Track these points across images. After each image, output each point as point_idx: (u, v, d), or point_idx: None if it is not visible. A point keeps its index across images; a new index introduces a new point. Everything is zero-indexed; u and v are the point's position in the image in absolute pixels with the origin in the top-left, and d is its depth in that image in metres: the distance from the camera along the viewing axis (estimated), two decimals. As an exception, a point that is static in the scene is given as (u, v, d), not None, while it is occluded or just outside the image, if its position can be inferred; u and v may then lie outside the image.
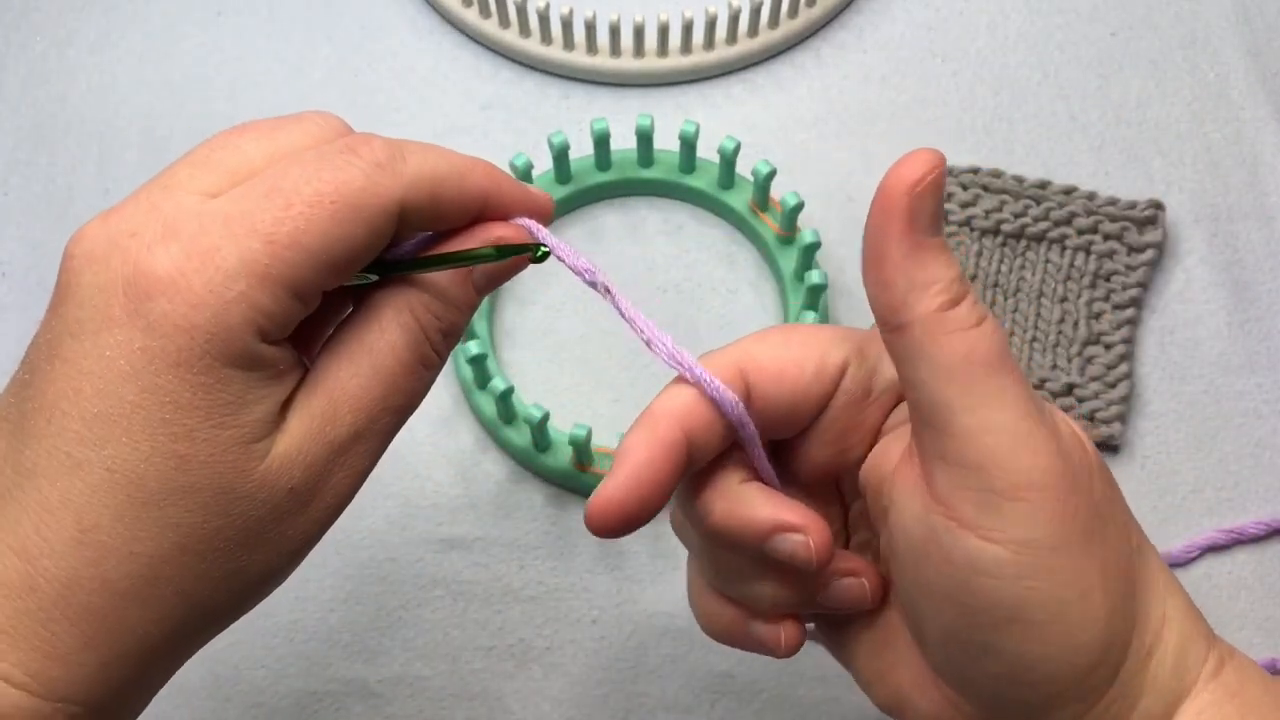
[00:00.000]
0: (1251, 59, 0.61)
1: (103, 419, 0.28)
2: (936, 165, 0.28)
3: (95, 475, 0.28)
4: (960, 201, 0.56)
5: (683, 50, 0.60)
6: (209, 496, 0.28)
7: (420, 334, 0.31)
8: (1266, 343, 0.55)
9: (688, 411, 0.31)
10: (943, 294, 0.28)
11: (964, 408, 0.28)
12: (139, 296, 0.28)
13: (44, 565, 0.28)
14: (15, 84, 0.62)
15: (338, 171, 0.29)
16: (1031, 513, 0.28)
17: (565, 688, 0.49)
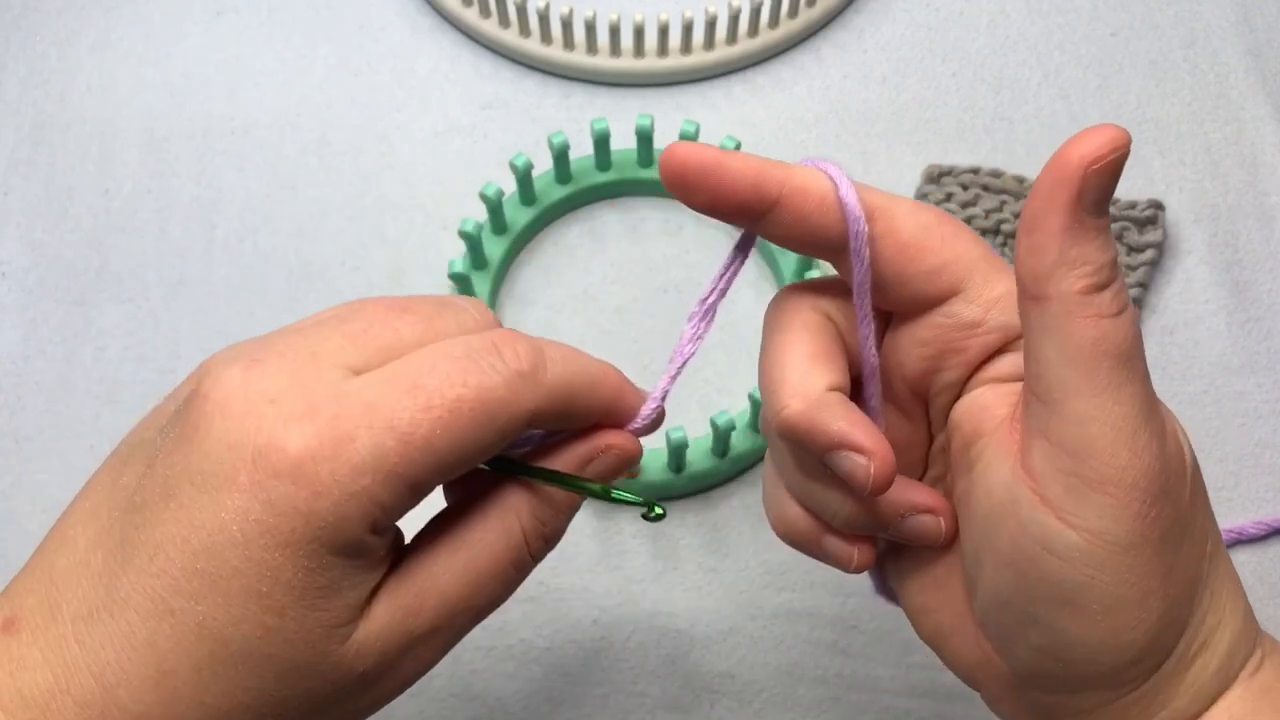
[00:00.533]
0: (1251, 59, 0.61)
1: (203, 576, 0.28)
2: (1120, 146, 0.27)
3: (184, 627, 0.28)
4: (960, 201, 0.56)
5: (683, 50, 0.60)
6: (286, 669, 0.29)
7: (521, 540, 0.32)
8: (1266, 343, 0.55)
9: (811, 183, 0.30)
10: (1091, 276, 0.28)
11: (1080, 392, 0.28)
12: (267, 471, 0.28)
13: (119, 695, 0.28)
14: (15, 84, 0.62)
15: (482, 376, 0.29)
16: (1115, 509, 0.28)
17: (565, 688, 0.49)
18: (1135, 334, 0.28)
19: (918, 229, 0.31)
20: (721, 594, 0.50)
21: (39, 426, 0.54)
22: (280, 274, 0.57)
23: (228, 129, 0.60)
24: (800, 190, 0.30)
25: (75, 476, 0.53)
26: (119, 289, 0.57)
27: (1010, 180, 0.57)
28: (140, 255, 0.57)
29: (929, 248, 0.31)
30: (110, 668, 0.28)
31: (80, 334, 0.56)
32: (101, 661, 0.28)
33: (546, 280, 0.56)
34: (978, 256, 0.31)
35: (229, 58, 0.62)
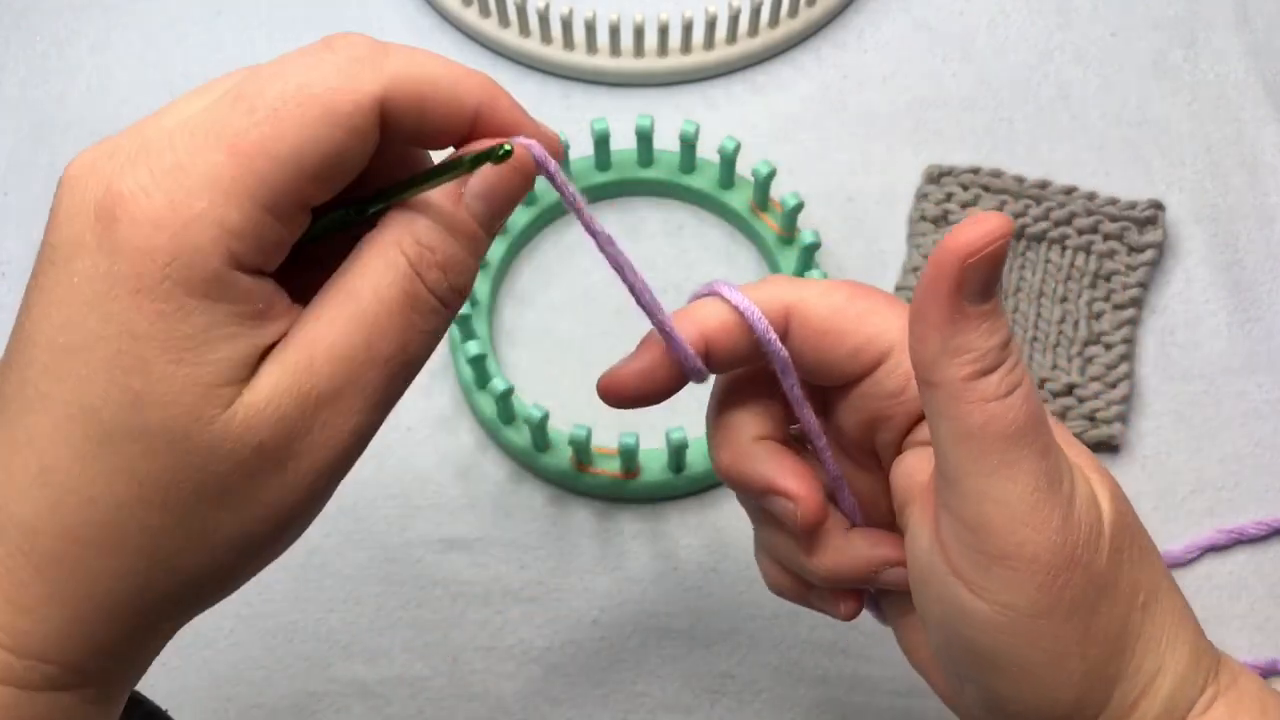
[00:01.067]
0: (1251, 59, 0.61)
1: (67, 351, 0.26)
2: (1000, 236, 0.27)
3: (56, 411, 0.26)
4: (960, 201, 0.56)
5: (683, 50, 0.60)
6: (164, 442, 0.26)
7: (408, 269, 0.28)
8: (1266, 343, 0.55)
9: (713, 320, 0.33)
10: (973, 364, 0.28)
11: (971, 473, 0.29)
12: (106, 218, 0.26)
13: (10, 509, 0.27)
14: (15, 84, 0.62)
15: (308, 70, 0.27)
16: (1017, 581, 0.29)
17: (565, 688, 0.49)
18: (1029, 412, 0.29)
19: (830, 313, 0.33)
20: (721, 594, 0.50)
21: (39, 426, 0.54)
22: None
23: (228, 129, 0.60)
24: (720, 329, 0.33)
25: (75, 476, 0.53)
26: (119, 289, 0.57)
27: (1010, 180, 0.57)
28: (140, 255, 0.57)
29: (845, 330, 0.33)
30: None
31: (80, 334, 0.56)
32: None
33: (546, 280, 0.56)
34: (895, 329, 0.32)
35: (229, 58, 0.62)
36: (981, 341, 0.28)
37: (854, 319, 0.33)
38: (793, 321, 0.33)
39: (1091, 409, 0.52)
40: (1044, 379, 0.53)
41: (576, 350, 0.55)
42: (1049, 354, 0.54)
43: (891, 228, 0.57)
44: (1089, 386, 0.53)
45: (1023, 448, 0.28)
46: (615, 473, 0.50)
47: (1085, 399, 0.52)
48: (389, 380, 0.28)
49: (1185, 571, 0.51)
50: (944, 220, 0.56)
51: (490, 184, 0.29)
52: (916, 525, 0.32)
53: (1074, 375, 0.53)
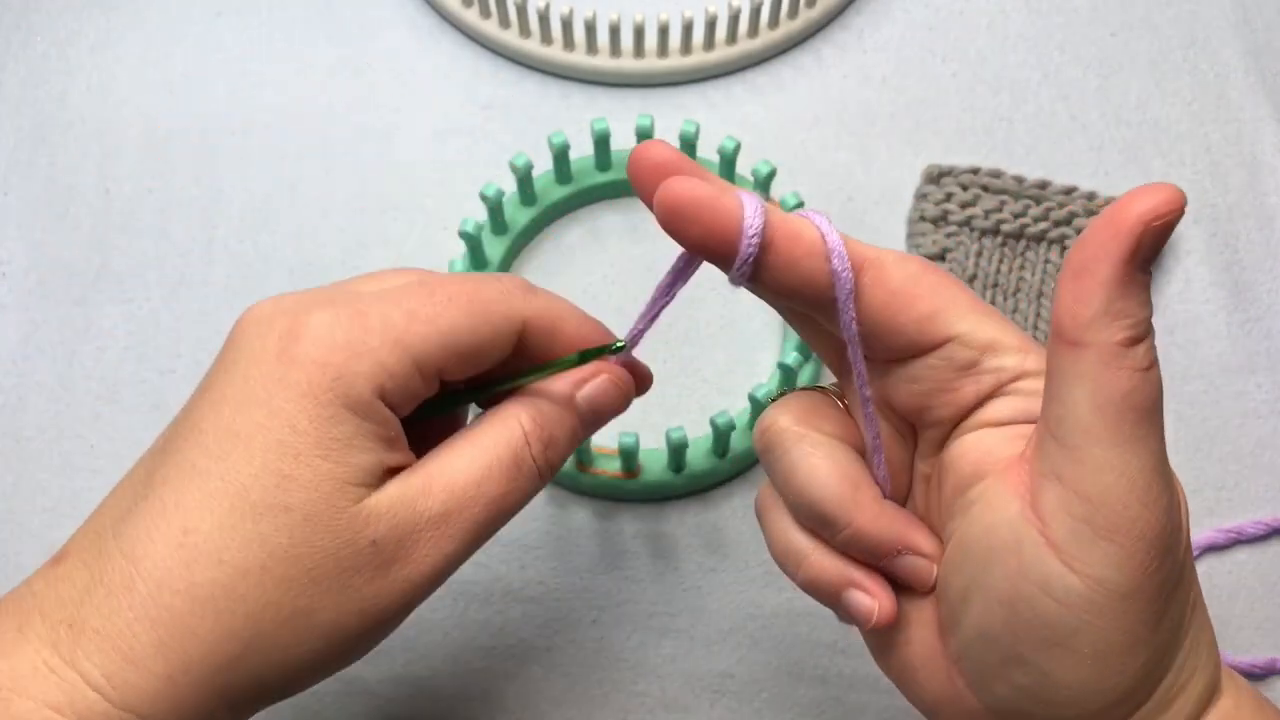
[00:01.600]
0: (1251, 59, 0.61)
1: (231, 434, 0.31)
2: (1180, 207, 0.27)
3: (210, 484, 0.31)
4: (960, 201, 0.56)
5: (683, 50, 0.60)
6: (299, 519, 0.31)
7: (521, 437, 0.35)
8: (1266, 343, 0.55)
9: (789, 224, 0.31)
10: (1131, 329, 0.28)
11: (1103, 441, 0.28)
12: (290, 340, 0.32)
13: (145, 566, 0.31)
14: (15, 84, 0.62)
15: (479, 284, 0.34)
16: (1120, 558, 0.29)
17: (565, 688, 0.49)
18: (1160, 391, 0.29)
19: (906, 277, 0.32)
20: (721, 594, 0.50)
21: (39, 426, 0.54)
22: (281, 274, 0.57)
23: (228, 129, 0.60)
24: (793, 235, 0.31)
25: (75, 476, 0.53)
26: (119, 289, 0.57)
27: (1010, 180, 0.57)
28: (140, 255, 0.57)
29: (919, 295, 0.32)
30: (140, 542, 0.31)
31: (80, 334, 0.56)
32: (133, 540, 0.31)
33: (546, 280, 0.56)
34: (966, 302, 0.32)
35: (229, 58, 0.62)
36: (1140, 310, 0.28)
37: (928, 287, 0.32)
38: (866, 277, 0.32)
39: (1091, 409, 0.52)
40: (1044, 379, 0.53)
41: (576, 350, 0.55)
42: (1049, 354, 0.54)
43: (891, 228, 0.57)
44: (1089, 386, 0.53)
45: (1151, 425, 0.29)
46: (615, 473, 0.51)
47: (1085, 399, 0.52)
48: (486, 520, 0.34)
49: (1185, 571, 0.51)
50: (943, 220, 0.56)
51: (600, 392, 0.36)
52: (998, 498, 0.31)
53: (1074, 375, 0.53)
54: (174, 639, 0.30)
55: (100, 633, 0.30)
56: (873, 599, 0.33)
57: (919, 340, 0.32)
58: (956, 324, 0.32)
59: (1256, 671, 0.48)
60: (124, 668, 0.30)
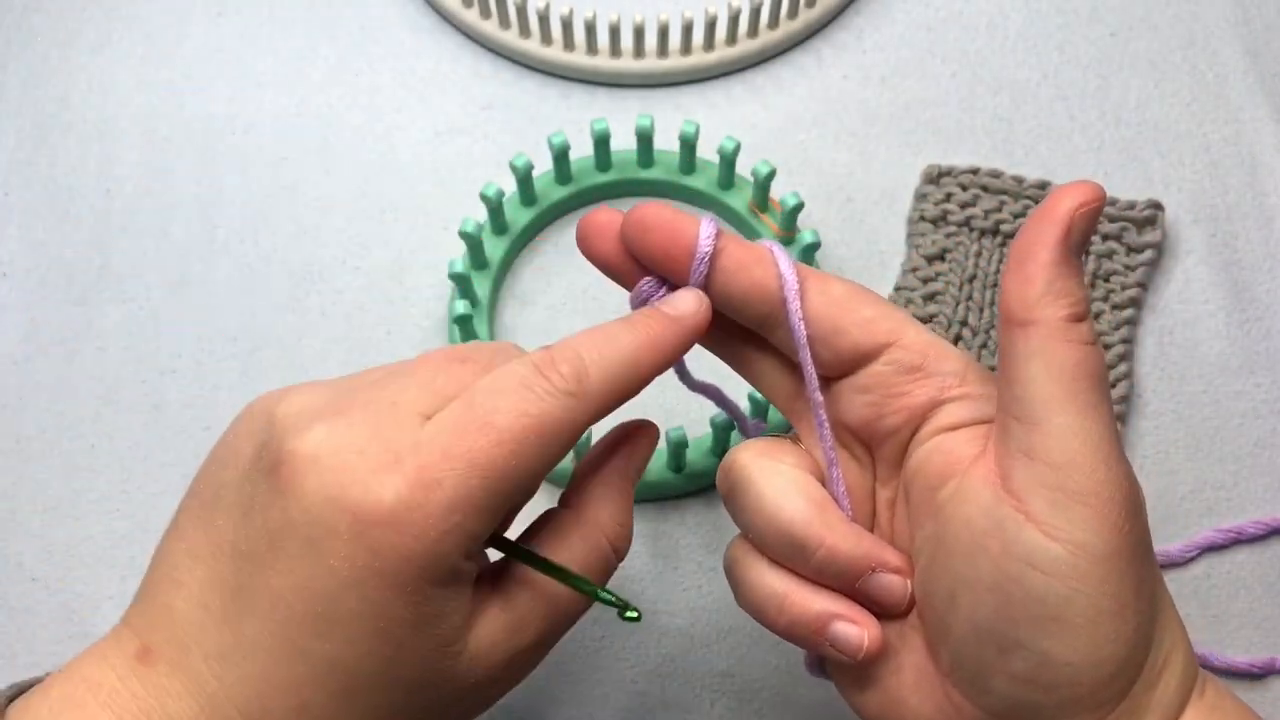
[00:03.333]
0: (1251, 59, 0.61)
1: (326, 619, 0.31)
2: (1102, 199, 0.31)
3: (316, 665, 0.31)
4: (960, 201, 0.56)
5: (683, 51, 0.60)
6: (408, 689, 0.32)
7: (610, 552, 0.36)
8: (1266, 343, 0.55)
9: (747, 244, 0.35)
10: (1073, 306, 0.31)
11: (1064, 409, 0.30)
12: (366, 522, 0.30)
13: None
14: (16, 84, 0.62)
15: (540, 403, 0.32)
16: (1095, 520, 0.30)
17: (565, 688, 0.49)
18: (1105, 365, 0.31)
19: (847, 289, 0.34)
20: (721, 594, 0.50)
21: (39, 426, 0.54)
22: (281, 274, 0.57)
23: (228, 129, 0.60)
24: (743, 245, 0.35)
25: (75, 476, 0.53)
26: (119, 289, 0.57)
27: (1010, 180, 0.57)
28: (140, 255, 0.58)
29: (861, 300, 0.34)
30: (253, 703, 0.31)
31: (80, 334, 0.56)
32: (243, 697, 0.31)
33: (546, 280, 0.56)
34: (905, 316, 0.34)
35: (229, 58, 0.62)
36: (1079, 290, 0.31)
37: (869, 297, 0.34)
38: (811, 287, 0.34)
39: (1091, 409, 0.52)
40: (1043, 379, 0.53)
41: (576, 350, 0.55)
42: (1048, 354, 0.54)
43: (891, 228, 0.57)
44: (1088, 386, 0.53)
45: (1103, 393, 0.31)
46: (615, 473, 0.51)
47: (1085, 399, 0.53)
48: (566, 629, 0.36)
49: (1184, 571, 0.51)
50: (943, 220, 0.56)
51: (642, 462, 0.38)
52: (971, 491, 0.32)
53: (1073, 375, 0.53)
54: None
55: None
56: (860, 628, 0.34)
57: (864, 343, 0.34)
58: (897, 330, 0.34)
59: (1256, 671, 0.48)
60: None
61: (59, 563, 0.51)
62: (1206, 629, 0.49)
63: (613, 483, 0.37)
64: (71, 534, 0.52)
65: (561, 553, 0.35)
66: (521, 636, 0.34)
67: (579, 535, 0.36)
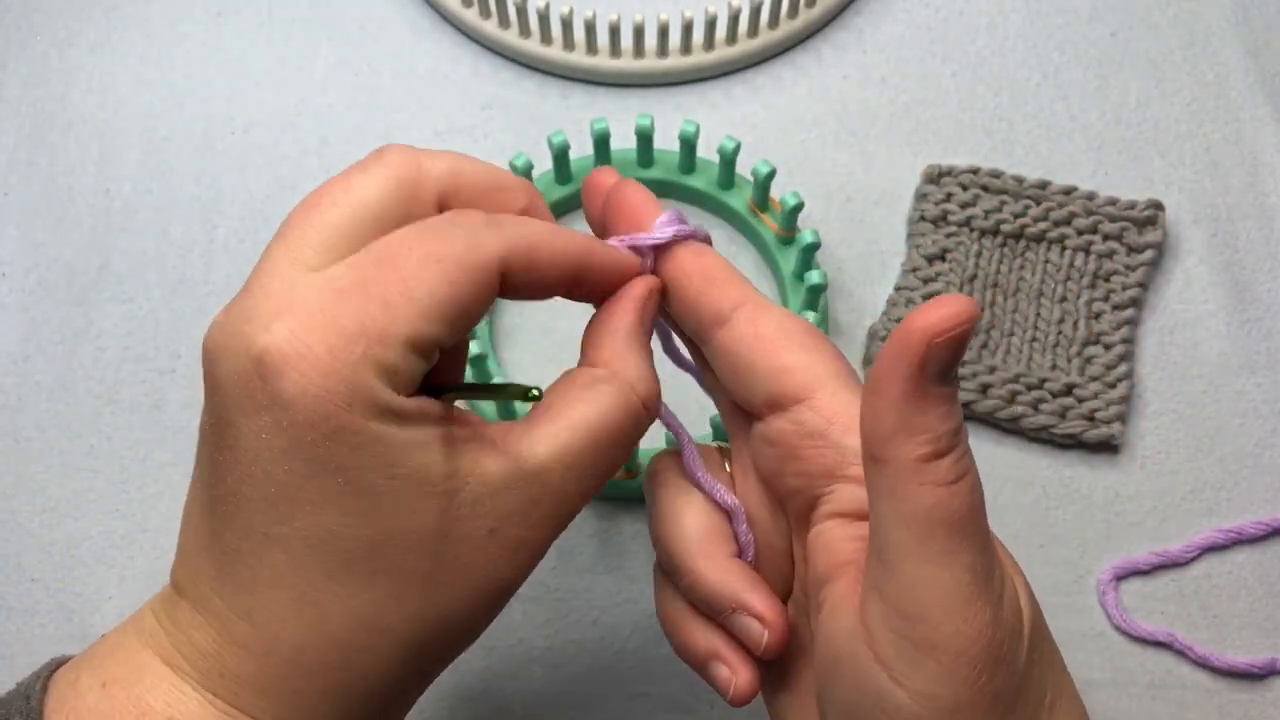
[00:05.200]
0: (1251, 59, 0.61)
1: (283, 497, 0.29)
2: (967, 319, 0.27)
3: (295, 548, 0.30)
4: (960, 201, 0.56)
5: (683, 50, 0.60)
6: (408, 543, 0.30)
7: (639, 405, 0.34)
8: (1266, 343, 0.55)
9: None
10: (929, 445, 0.28)
11: (912, 557, 0.28)
12: (270, 376, 0.29)
13: (274, 632, 0.30)
14: (16, 84, 0.62)
15: (441, 235, 0.31)
16: (943, 674, 0.28)
17: (565, 688, 0.49)
18: (974, 501, 0.28)
19: (779, 330, 0.33)
20: (721, 594, 0.50)
21: (39, 426, 0.54)
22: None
23: (228, 129, 0.60)
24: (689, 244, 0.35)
25: (75, 476, 0.53)
26: (119, 289, 0.57)
27: (1010, 180, 0.57)
28: (140, 255, 0.57)
29: (784, 348, 0.33)
30: (256, 611, 0.30)
31: (80, 334, 0.56)
32: (245, 608, 0.30)
33: (546, 280, 0.56)
34: (832, 372, 0.32)
35: (229, 58, 0.62)
36: (938, 424, 0.28)
37: (798, 345, 0.33)
38: (741, 315, 0.33)
39: (1091, 409, 0.52)
40: (1043, 379, 0.53)
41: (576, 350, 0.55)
42: (1048, 354, 0.54)
43: (891, 228, 0.57)
44: (1088, 386, 0.53)
45: (964, 537, 0.28)
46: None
47: (1085, 399, 0.53)
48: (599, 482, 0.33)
49: (1184, 571, 0.51)
50: (943, 220, 0.56)
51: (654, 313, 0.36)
52: (837, 606, 0.31)
53: (1073, 375, 0.53)
54: (338, 683, 0.31)
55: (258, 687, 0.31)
56: (730, 673, 0.34)
57: (771, 390, 0.33)
58: (813, 387, 0.32)
59: (1256, 671, 0.48)
60: (293, 715, 0.31)
61: (59, 563, 0.51)
62: (1206, 629, 0.49)
63: (633, 338, 0.35)
64: (71, 534, 0.52)
65: (595, 409, 0.33)
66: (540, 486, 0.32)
67: (610, 392, 0.33)
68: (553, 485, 0.32)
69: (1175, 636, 0.49)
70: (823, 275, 0.51)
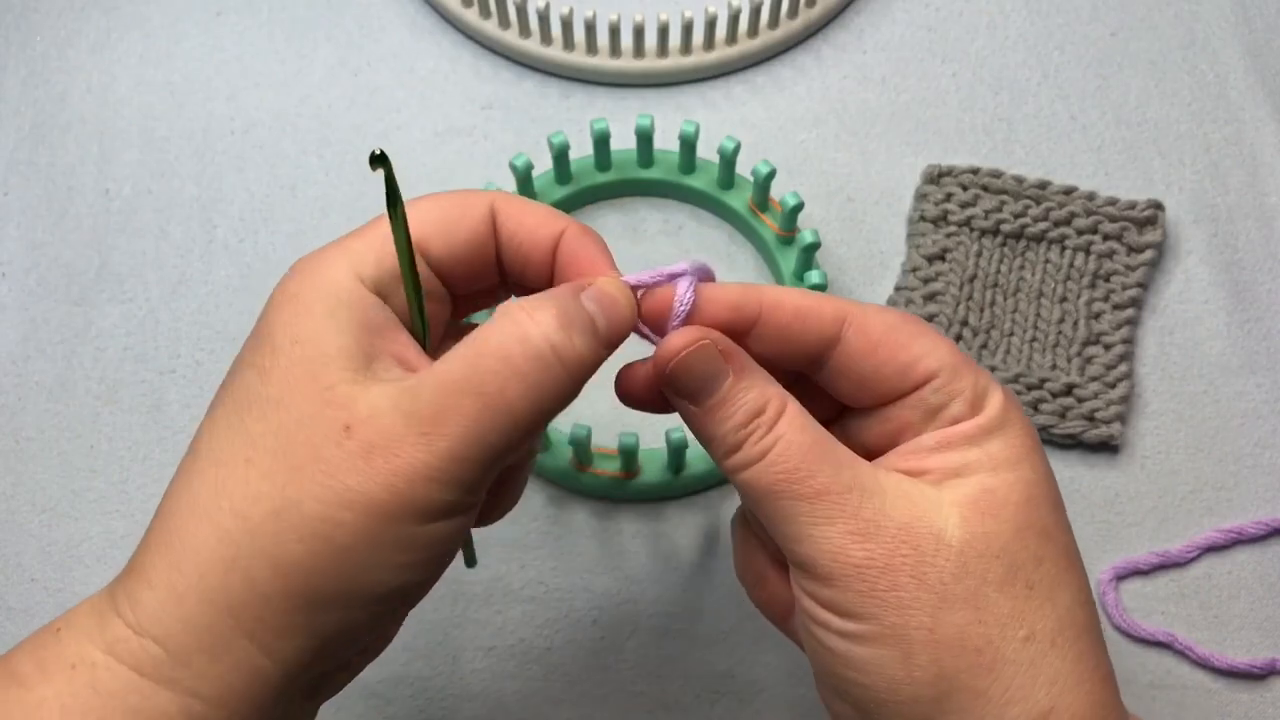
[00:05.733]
0: (1251, 59, 0.61)
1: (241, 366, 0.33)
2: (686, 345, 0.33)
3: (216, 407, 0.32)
4: (960, 201, 0.56)
5: (683, 50, 0.60)
6: (274, 405, 0.31)
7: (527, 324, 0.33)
8: (1266, 343, 0.55)
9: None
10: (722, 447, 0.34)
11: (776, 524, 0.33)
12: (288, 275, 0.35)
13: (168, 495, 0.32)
14: (15, 84, 0.62)
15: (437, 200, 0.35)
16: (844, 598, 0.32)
17: (565, 688, 0.49)
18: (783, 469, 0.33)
19: (885, 328, 0.34)
20: (721, 594, 0.50)
21: (39, 426, 0.54)
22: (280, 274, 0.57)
23: (228, 129, 0.60)
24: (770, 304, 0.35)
25: (75, 476, 0.53)
26: (119, 289, 0.57)
27: (1010, 180, 0.57)
28: (140, 255, 0.57)
29: (900, 344, 0.34)
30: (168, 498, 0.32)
31: (80, 334, 0.56)
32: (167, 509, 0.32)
33: (546, 280, 0.56)
34: (944, 351, 0.34)
35: (229, 58, 0.62)
36: (717, 429, 0.33)
37: (908, 336, 0.34)
38: (850, 329, 0.34)
39: (1091, 409, 0.52)
40: (1043, 379, 0.53)
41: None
42: (1048, 354, 0.54)
43: (891, 228, 0.57)
44: (1088, 386, 0.53)
45: (786, 498, 0.32)
46: (615, 473, 0.51)
47: (1085, 399, 0.53)
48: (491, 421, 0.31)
49: (1185, 571, 0.51)
50: (943, 220, 0.56)
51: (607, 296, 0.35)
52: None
53: (1073, 375, 0.53)
54: (177, 553, 0.31)
55: (134, 567, 0.31)
56: None
57: (901, 386, 0.34)
58: (932, 370, 0.34)
59: (1256, 671, 0.48)
60: (141, 590, 0.31)
61: (58, 563, 0.51)
62: (1207, 629, 0.49)
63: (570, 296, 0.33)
64: (71, 534, 0.52)
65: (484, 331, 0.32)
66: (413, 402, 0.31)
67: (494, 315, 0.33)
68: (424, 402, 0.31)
69: (1175, 636, 0.49)
70: (823, 275, 0.51)
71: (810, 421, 0.33)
